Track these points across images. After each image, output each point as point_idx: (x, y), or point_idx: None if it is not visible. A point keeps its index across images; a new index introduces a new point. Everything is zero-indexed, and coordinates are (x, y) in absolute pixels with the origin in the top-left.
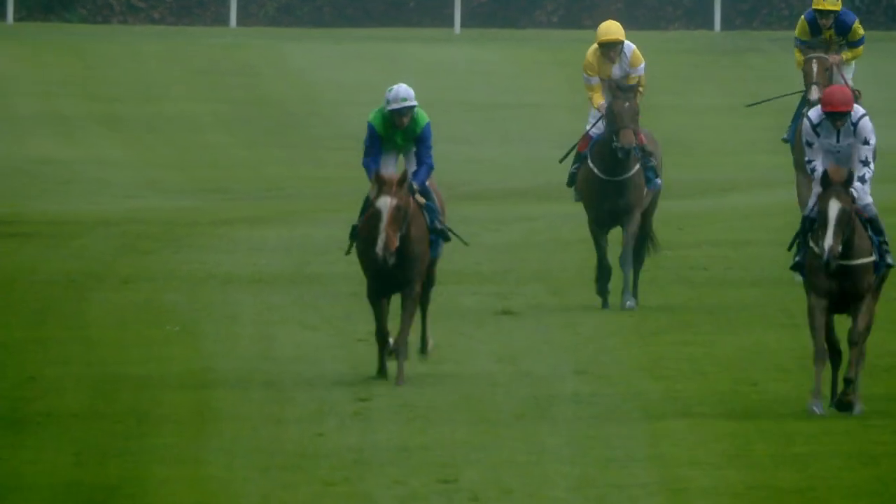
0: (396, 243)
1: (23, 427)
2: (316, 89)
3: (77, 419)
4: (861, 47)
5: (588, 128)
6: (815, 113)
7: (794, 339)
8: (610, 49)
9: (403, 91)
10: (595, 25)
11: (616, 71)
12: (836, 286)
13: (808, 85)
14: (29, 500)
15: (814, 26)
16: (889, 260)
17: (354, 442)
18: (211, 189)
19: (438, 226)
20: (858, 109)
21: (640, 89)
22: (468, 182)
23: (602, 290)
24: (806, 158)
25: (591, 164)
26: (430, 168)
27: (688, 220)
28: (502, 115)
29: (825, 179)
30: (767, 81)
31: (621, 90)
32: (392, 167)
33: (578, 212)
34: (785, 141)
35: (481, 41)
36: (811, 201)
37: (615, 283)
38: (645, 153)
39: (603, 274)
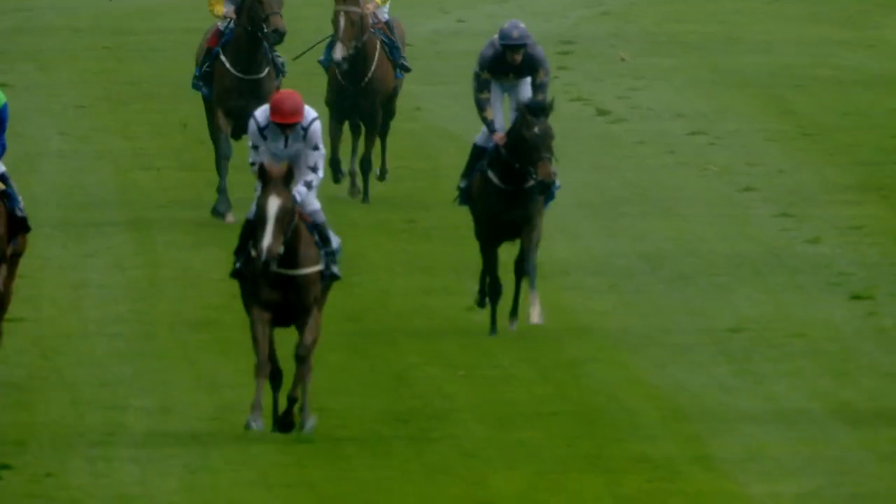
0: None
1: None
2: None
3: None
4: None
5: (219, 24)
6: (262, 114)
7: None
8: None
9: None
10: None
11: None
12: (280, 297)
13: (334, 40)
14: None
15: None
16: (335, 270)
17: None
18: None
19: (19, 214)
20: (310, 112)
21: None
22: None
23: (220, 206)
24: (250, 160)
25: (223, 60)
26: (4, 149)
27: None
28: None
29: (263, 175)
30: None
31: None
32: None
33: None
34: (320, 62)
35: None
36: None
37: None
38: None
39: (221, 169)
